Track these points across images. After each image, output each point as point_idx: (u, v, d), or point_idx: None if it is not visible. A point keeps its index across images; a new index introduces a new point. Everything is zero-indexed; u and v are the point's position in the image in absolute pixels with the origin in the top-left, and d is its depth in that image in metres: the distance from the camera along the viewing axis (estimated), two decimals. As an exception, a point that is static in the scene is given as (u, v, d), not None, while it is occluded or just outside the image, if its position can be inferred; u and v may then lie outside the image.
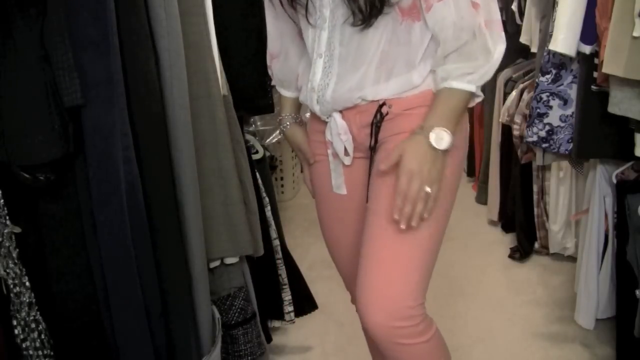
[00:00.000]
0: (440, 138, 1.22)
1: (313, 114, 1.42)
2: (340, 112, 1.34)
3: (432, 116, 1.24)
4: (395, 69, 1.28)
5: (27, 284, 1.30)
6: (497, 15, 1.24)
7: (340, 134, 1.35)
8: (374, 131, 1.31)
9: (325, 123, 1.37)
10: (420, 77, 1.28)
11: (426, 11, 1.23)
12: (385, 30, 1.25)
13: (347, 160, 1.38)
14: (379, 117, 1.30)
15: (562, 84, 2.02)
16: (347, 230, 1.47)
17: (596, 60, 1.81)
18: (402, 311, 1.24)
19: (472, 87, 1.24)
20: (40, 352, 1.32)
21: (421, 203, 1.22)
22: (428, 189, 1.21)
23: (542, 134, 2.07)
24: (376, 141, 1.32)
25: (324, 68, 1.31)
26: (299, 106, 1.53)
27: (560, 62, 2.01)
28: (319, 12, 1.28)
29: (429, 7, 1.22)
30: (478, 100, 1.29)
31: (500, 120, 2.78)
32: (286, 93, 1.51)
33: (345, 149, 1.36)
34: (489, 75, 1.25)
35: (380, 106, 1.29)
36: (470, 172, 3.71)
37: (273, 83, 1.53)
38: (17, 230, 1.29)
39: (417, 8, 1.24)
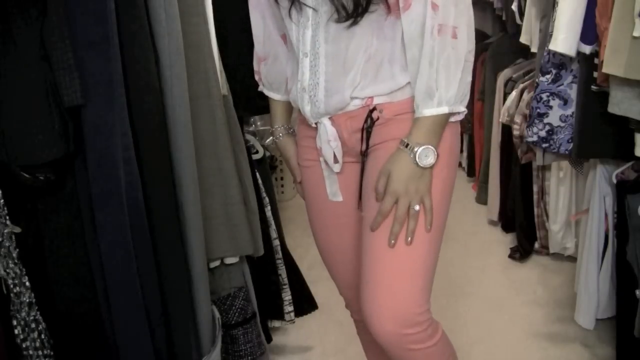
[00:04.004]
0: (426, 156, 1.23)
1: (302, 119, 1.41)
2: (330, 118, 1.33)
3: (413, 133, 1.25)
4: (383, 65, 1.28)
5: (27, 284, 1.30)
6: (452, 22, 1.21)
7: (330, 141, 1.34)
8: (364, 136, 1.32)
9: (315, 129, 1.37)
10: (404, 77, 1.28)
11: (404, 10, 1.22)
12: (372, 27, 1.25)
13: (337, 168, 1.37)
14: (369, 122, 1.30)
15: (562, 84, 2.02)
16: (342, 236, 1.47)
17: (596, 60, 1.81)
18: (410, 318, 1.25)
19: (446, 109, 1.24)
20: (40, 352, 1.32)
21: (413, 220, 1.25)
22: (417, 207, 1.24)
23: (542, 134, 2.07)
24: (367, 146, 1.32)
25: (311, 67, 1.30)
26: (289, 115, 1.52)
27: (560, 62, 2.01)
28: (301, 9, 1.27)
29: (407, 6, 1.22)
30: (458, 115, 1.28)
31: (500, 120, 2.78)
32: (275, 96, 1.50)
33: (335, 156, 1.36)
34: (451, 91, 1.23)
35: (371, 111, 1.30)
36: (470, 172, 3.71)
37: (260, 88, 1.53)
38: (17, 230, 1.29)
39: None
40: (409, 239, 1.25)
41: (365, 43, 1.26)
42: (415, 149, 1.23)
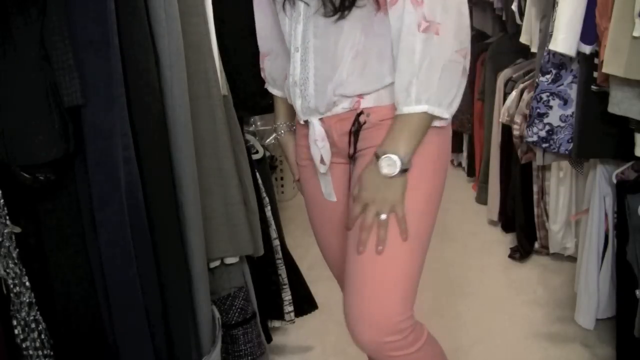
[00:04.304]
0: (388, 165, 1.22)
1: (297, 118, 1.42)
2: (321, 118, 1.33)
3: (385, 140, 1.24)
4: (371, 63, 1.27)
5: (27, 284, 1.30)
6: (438, 18, 1.17)
7: (317, 141, 1.34)
8: (352, 140, 1.31)
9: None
10: (392, 75, 1.26)
11: (390, 5, 1.21)
12: (361, 22, 1.24)
13: (323, 169, 1.37)
14: (357, 125, 1.30)
15: (562, 84, 2.02)
16: (338, 233, 1.47)
17: (596, 60, 1.81)
18: (390, 327, 1.25)
19: (427, 109, 1.21)
20: (40, 352, 1.32)
21: (382, 229, 1.24)
22: (382, 216, 1.23)
23: (542, 134, 2.07)
24: (355, 150, 1.32)
25: (301, 61, 1.30)
26: (293, 112, 1.53)
27: (560, 62, 2.01)
28: (294, 4, 1.28)
29: (394, 1, 1.20)
30: (442, 121, 1.24)
31: (500, 120, 2.78)
32: (278, 93, 1.51)
33: (322, 157, 1.36)
34: (431, 89, 1.19)
35: (359, 115, 1.29)
36: (470, 172, 3.71)
37: (266, 85, 1.54)
38: (17, 230, 1.29)
39: None
40: (380, 247, 1.24)
41: (353, 39, 1.25)
42: (379, 157, 1.22)
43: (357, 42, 1.25)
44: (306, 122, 1.36)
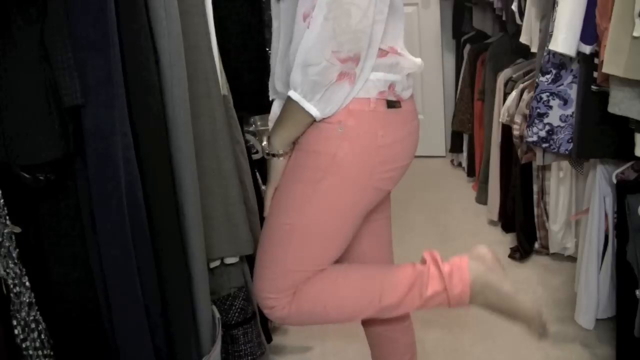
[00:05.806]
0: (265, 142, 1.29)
1: None
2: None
3: None
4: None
5: (27, 284, 1.30)
6: (315, 11, 1.13)
7: (270, 122, 1.37)
8: None
9: None
10: None
11: None
12: (293, 4, 1.22)
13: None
14: None
15: (562, 84, 2.02)
16: None
17: (596, 60, 1.81)
18: (260, 300, 1.37)
19: (293, 95, 1.20)
20: (40, 352, 1.32)
21: (266, 199, 1.35)
22: (262, 187, 1.28)
23: (542, 134, 2.07)
24: None
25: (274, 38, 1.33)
26: None
27: (560, 62, 2.01)
28: None
29: None
30: (312, 116, 1.21)
31: (500, 120, 2.78)
32: None
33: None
34: (297, 78, 1.18)
35: None
36: (470, 172, 3.71)
37: None
38: (17, 230, 1.29)
39: None
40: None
41: (285, 27, 1.25)
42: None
43: (290, 30, 1.24)
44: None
